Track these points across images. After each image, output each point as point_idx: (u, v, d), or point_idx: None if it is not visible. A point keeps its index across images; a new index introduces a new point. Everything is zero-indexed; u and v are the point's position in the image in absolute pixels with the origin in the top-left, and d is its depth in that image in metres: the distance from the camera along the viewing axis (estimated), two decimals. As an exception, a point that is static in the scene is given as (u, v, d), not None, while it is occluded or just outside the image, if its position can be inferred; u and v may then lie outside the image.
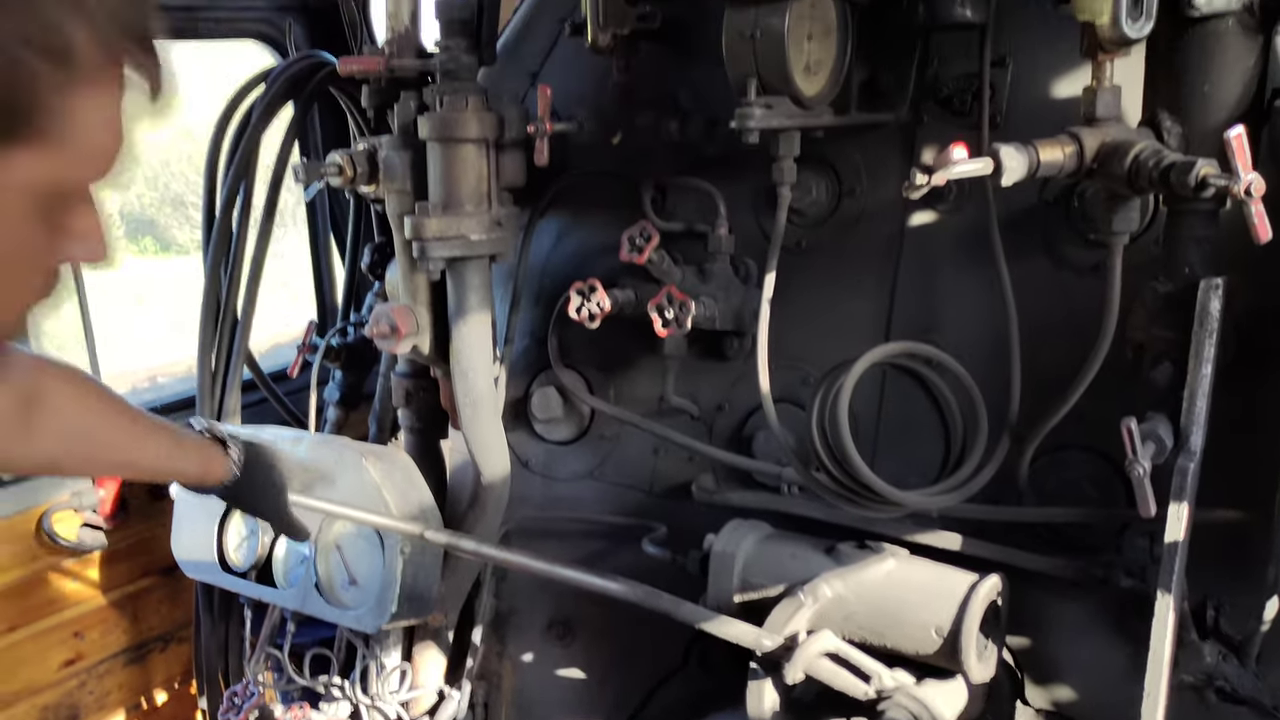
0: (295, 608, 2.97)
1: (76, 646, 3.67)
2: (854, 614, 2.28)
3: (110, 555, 3.75)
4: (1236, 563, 2.16)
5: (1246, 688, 2.14)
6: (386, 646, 3.07)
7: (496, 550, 2.56)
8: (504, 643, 3.21)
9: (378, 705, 3.07)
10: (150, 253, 16.61)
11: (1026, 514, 2.32)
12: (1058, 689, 2.39)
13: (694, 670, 2.96)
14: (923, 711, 2.12)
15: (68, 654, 3.64)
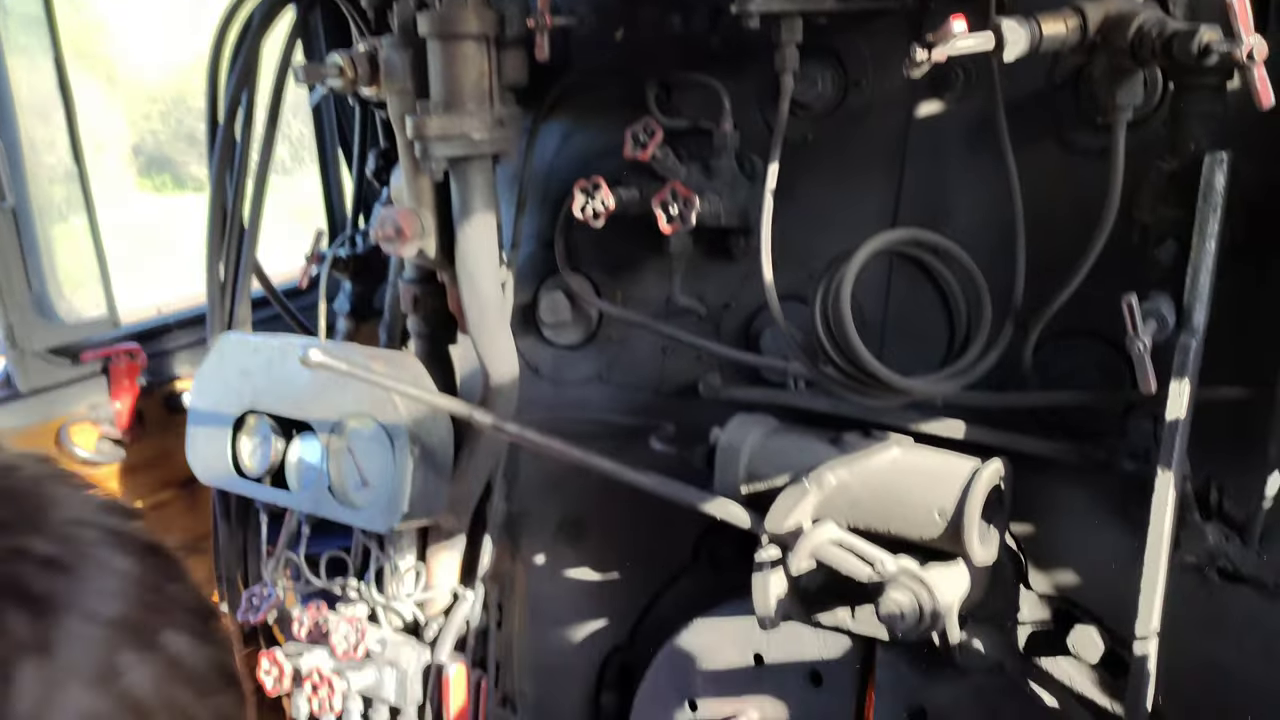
0: (309, 510, 3.02)
1: (100, 555, 3.74)
2: (858, 501, 2.30)
3: (129, 468, 3.81)
4: (1240, 444, 2.16)
5: (1249, 566, 2.16)
6: (400, 549, 3.12)
7: (537, 435, 2.58)
8: (516, 544, 3.26)
9: (393, 606, 3.13)
10: (166, 190, 16.58)
11: (1030, 399, 2.33)
12: (1061, 573, 2.41)
13: (703, 567, 3.00)
14: (924, 592, 2.14)
15: (91, 564, 3.71)
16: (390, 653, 3.03)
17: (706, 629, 2.83)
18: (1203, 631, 2.25)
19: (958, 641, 2.34)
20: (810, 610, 2.51)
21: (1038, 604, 2.46)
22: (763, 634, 2.73)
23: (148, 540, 0.85)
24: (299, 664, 3.04)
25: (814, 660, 2.67)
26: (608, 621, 3.17)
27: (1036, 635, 2.46)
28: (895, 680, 2.54)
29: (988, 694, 2.43)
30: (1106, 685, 2.40)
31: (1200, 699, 2.28)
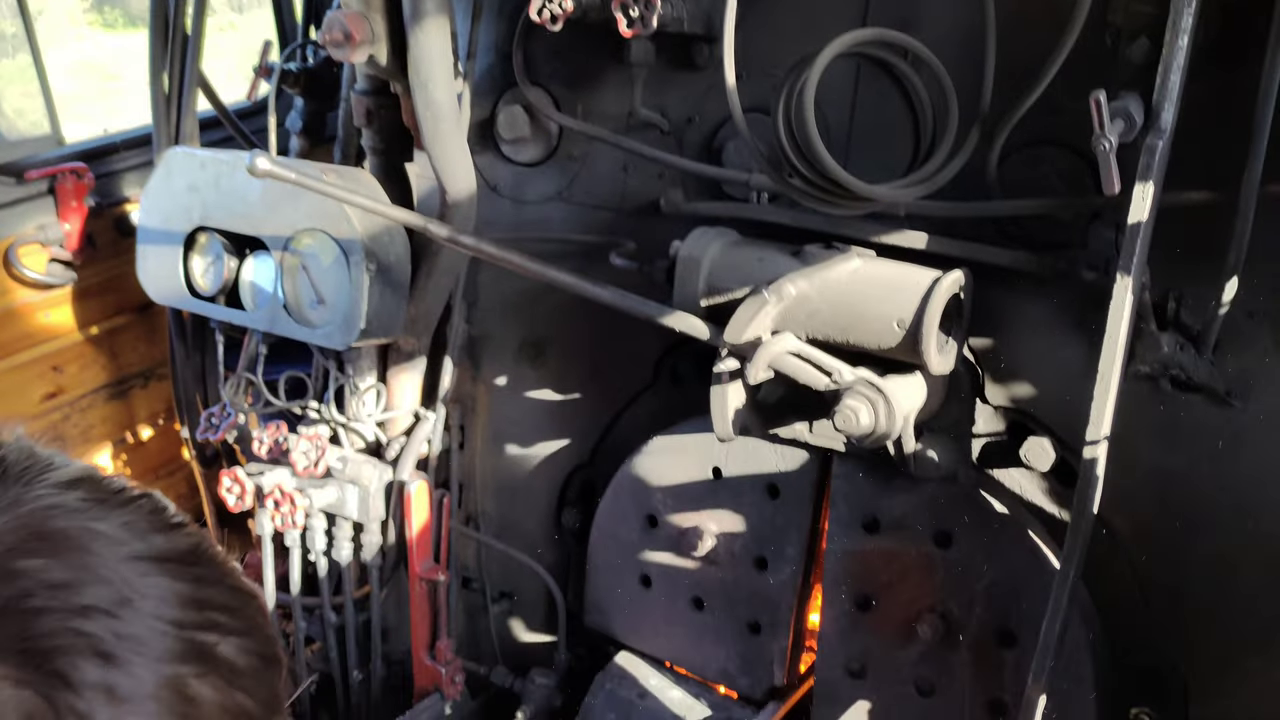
0: (264, 329, 2.97)
1: (56, 380, 3.71)
2: (818, 311, 2.28)
3: (82, 291, 3.75)
4: (1200, 253, 2.14)
5: (1201, 375, 2.17)
6: (360, 369, 3.10)
7: (495, 248, 2.53)
8: (477, 366, 3.24)
9: (354, 426, 3.13)
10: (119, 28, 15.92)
11: (993, 208, 2.29)
12: (1016, 386, 2.43)
13: (664, 386, 3.00)
14: (881, 401, 2.15)
15: (48, 388, 3.68)
16: (351, 471, 3.04)
17: (666, 445, 2.86)
18: (1152, 440, 2.28)
19: (913, 452, 2.36)
20: (768, 423, 2.52)
21: (992, 416, 2.48)
22: (721, 449, 2.75)
23: (189, 547, 0.87)
24: (260, 482, 3.05)
25: (771, 474, 2.70)
26: (569, 441, 3.19)
27: (990, 446, 2.49)
28: (850, 492, 2.57)
29: (940, 503, 2.47)
30: (1056, 494, 2.44)
31: (1146, 505, 2.32)
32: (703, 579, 2.86)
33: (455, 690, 3.16)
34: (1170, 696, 2.39)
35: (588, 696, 3.02)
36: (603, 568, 3.05)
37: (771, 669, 2.81)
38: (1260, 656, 2.25)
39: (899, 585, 2.56)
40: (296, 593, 3.26)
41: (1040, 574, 2.35)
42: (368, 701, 3.38)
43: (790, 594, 2.74)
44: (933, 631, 2.50)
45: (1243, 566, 2.24)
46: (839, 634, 2.66)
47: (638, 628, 3.04)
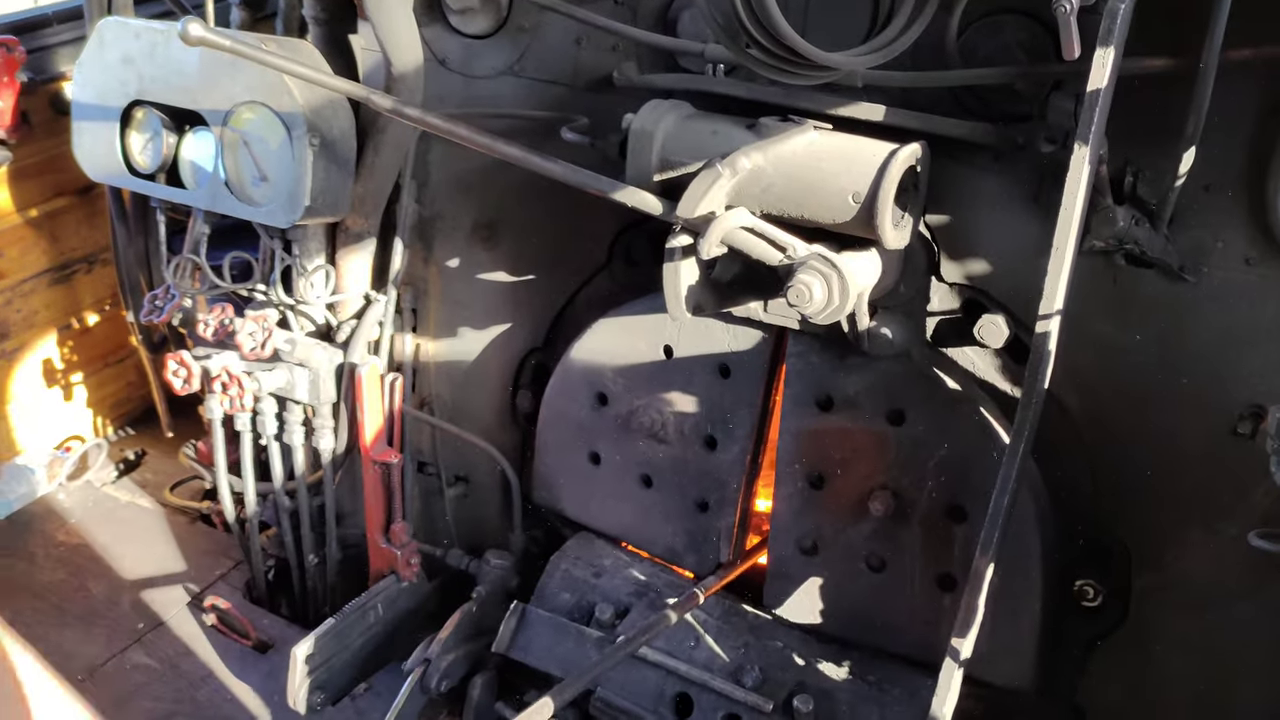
0: (206, 207, 2.89)
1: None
2: (772, 185, 2.23)
3: (19, 172, 3.63)
4: (1160, 128, 2.11)
5: (1156, 250, 2.16)
6: (308, 251, 3.02)
7: (439, 119, 2.44)
8: (429, 248, 3.18)
9: (302, 309, 3.06)
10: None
11: (951, 78, 2.24)
12: (972, 263, 2.40)
13: (618, 267, 2.96)
14: (835, 275, 2.12)
15: (-12, 271, 3.58)
16: (301, 353, 2.99)
17: (617, 324, 2.83)
18: (1105, 316, 2.28)
19: (866, 329, 2.35)
20: (722, 302, 2.49)
21: (947, 293, 2.46)
22: (672, 328, 2.73)
23: None
24: (207, 365, 3.00)
25: (723, 353, 2.68)
26: (523, 324, 3.15)
27: (944, 324, 2.48)
28: (804, 370, 2.56)
29: (894, 381, 2.46)
30: (1009, 371, 2.45)
31: (1096, 380, 2.33)
32: (652, 457, 2.86)
33: (411, 572, 3.17)
34: (1114, 568, 2.44)
35: (543, 576, 3.04)
36: (552, 445, 3.04)
37: (718, 546, 2.83)
38: (1201, 528, 2.29)
39: (852, 463, 2.56)
40: (249, 478, 3.23)
41: (991, 450, 2.36)
42: (324, 585, 3.38)
43: (739, 473, 2.75)
44: (884, 508, 2.52)
45: (1188, 440, 2.26)
46: (792, 512, 2.68)
47: (586, 504, 3.05)
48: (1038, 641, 2.46)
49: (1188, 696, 2.42)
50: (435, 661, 2.87)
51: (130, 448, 4.12)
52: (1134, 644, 2.46)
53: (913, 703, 2.53)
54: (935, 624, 2.52)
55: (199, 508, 3.82)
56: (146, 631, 3.27)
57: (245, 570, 3.49)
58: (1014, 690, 2.54)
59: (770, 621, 2.79)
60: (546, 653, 2.83)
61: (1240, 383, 2.17)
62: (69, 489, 3.87)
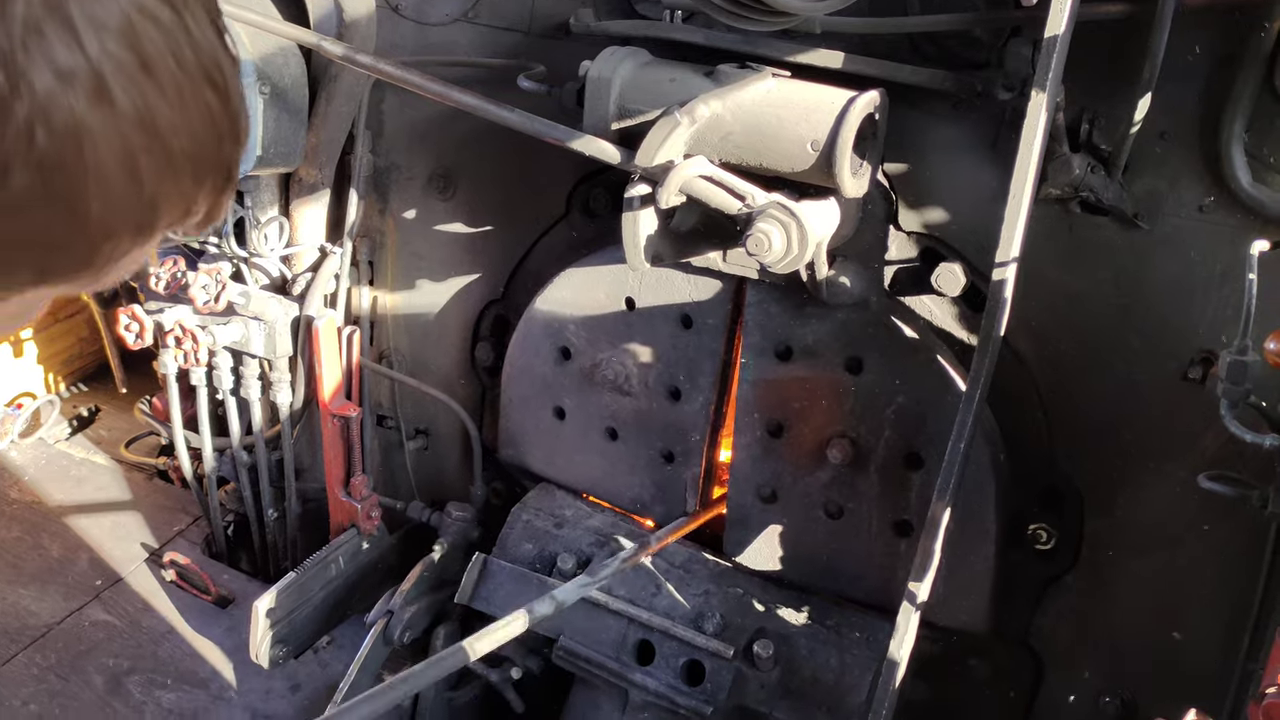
0: (156, 157, 2.83)
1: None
2: (731, 134, 2.22)
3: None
4: (1116, 75, 2.12)
5: (1111, 197, 2.17)
6: (261, 202, 2.98)
7: (393, 67, 2.41)
8: (385, 199, 3.14)
9: (256, 261, 3.02)
10: None
11: (909, 24, 2.23)
12: (930, 211, 2.41)
13: (577, 218, 2.94)
14: (793, 223, 2.11)
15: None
16: (255, 306, 2.96)
17: (577, 277, 2.81)
18: (1060, 263, 2.30)
19: (825, 278, 2.35)
20: (681, 251, 2.48)
21: (905, 242, 2.47)
22: (634, 279, 2.72)
23: None
24: (160, 319, 2.96)
25: (684, 304, 2.68)
26: (481, 276, 3.12)
27: (902, 273, 2.49)
28: (763, 319, 2.56)
29: (852, 330, 2.48)
30: (965, 319, 2.46)
31: (1050, 327, 2.36)
32: (616, 410, 2.86)
33: (371, 525, 3.16)
34: (1067, 512, 2.48)
35: (505, 528, 3.04)
36: (516, 401, 3.03)
37: (684, 496, 2.85)
38: (1152, 472, 2.33)
39: (810, 411, 2.58)
40: (206, 433, 3.20)
41: (947, 397, 2.39)
42: (284, 539, 3.38)
43: (703, 423, 2.75)
44: (842, 456, 2.54)
45: (1141, 386, 2.30)
46: (751, 460, 2.69)
47: (552, 459, 3.05)
48: (992, 585, 2.50)
49: (1136, 635, 2.47)
50: (398, 613, 2.87)
51: (83, 404, 4.07)
52: (1085, 585, 2.51)
53: (871, 646, 2.57)
54: (892, 569, 2.56)
55: (155, 464, 3.78)
56: (105, 588, 3.25)
57: (204, 526, 3.47)
58: (969, 632, 2.59)
59: (730, 569, 2.81)
60: (509, 603, 2.84)
61: (1191, 329, 2.20)
62: (21, 446, 3.81)
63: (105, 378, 4.08)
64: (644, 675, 2.63)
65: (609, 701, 2.74)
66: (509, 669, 2.88)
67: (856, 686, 2.54)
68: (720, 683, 2.57)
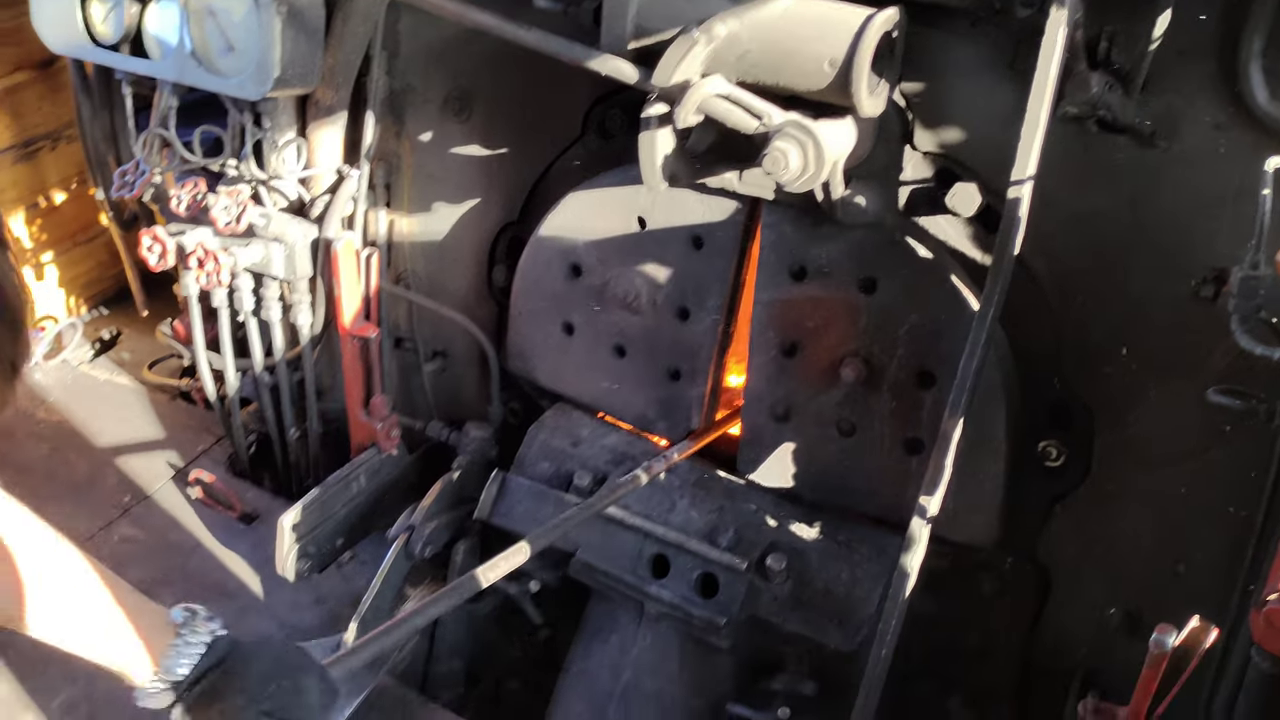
0: (173, 79, 2.84)
1: (-43, 138, 3.55)
2: (748, 52, 2.22)
3: (-24, 45, 3.53)
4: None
5: (1128, 115, 2.17)
6: (279, 124, 2.98)
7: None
8: (401, 121, 3.14)
9: (275, 184, 3.04)
10: None
11: (929, -60, 2.22)
12: (946, 131, 2.42)
13: (593, 138, 2.95)
14: (810, 142, 2.13)
15: (-52, 146, 3.52)
16: (275, 228, 2.98)
17: (591, 197, 2.83)
18: (1074, 181, 2.30)
19: (840, 198, 2.37)
20: (697, 172, 2.50)
21: (921, 162, 2.48)
22: (646, 199, 2.74)
23: None
24: (182, 241, 2.99)
25: (696, 225, 2.70)
26: (497, 198, 3.15)
27: (917, 193, 2.50)
28: (778, 240, 2.59)
29: (865, 249, 2.50)
30: (979, 239, 2.48)
31: (1063, 245, 2.37)
32: (625, 328, 2.90)
33: (391, 444, 3.22)
34: (1077, 429, 2.52)
35: (522, 446, 3.10)
36: (526, 314, 3.08)
37: (689, 414, 2.90)
38: (1162, 389, 2.37)
39: (824, 331, 2.61)
40: (228, 354, 3.25)
41: (961, 316, 2.41)
42: (306, 458, 3.45)
43: (710, 343, 2.79)
44: (855, 375, 2.57)
45: (1153, 304, 2.32)
46: (765, 380, 2.73)
47: (560, 373, 3.10)
48: (1001, 500, 2.55)
49: (1141, 550, 2.53)
50: (419, 529, 2.94)
51: (105, 328, 4.12)
52: (1094, 501, 2.56)
53: (880, 560, 2.63)
54: (903, 486, 2.60)
55: (178, 385, 3.84)
56: (133, 505, 3.33)
57: (227, 445, 3.54)
58: (977, 547, 2.64)
59: (744, 487, 2.87)
60: (527, 518, 2.91)
61: (1205, 247, 2.21)
62: (45, 368, 3.88)
63: (126, 301, 4.13)
64: (659, 588, 2.70)
65: (625, 613, 2.82)
66: (527, 583, 2.96)
67: (866, 599, 2.61)
68: (733, 595, 2.64)
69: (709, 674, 2.77)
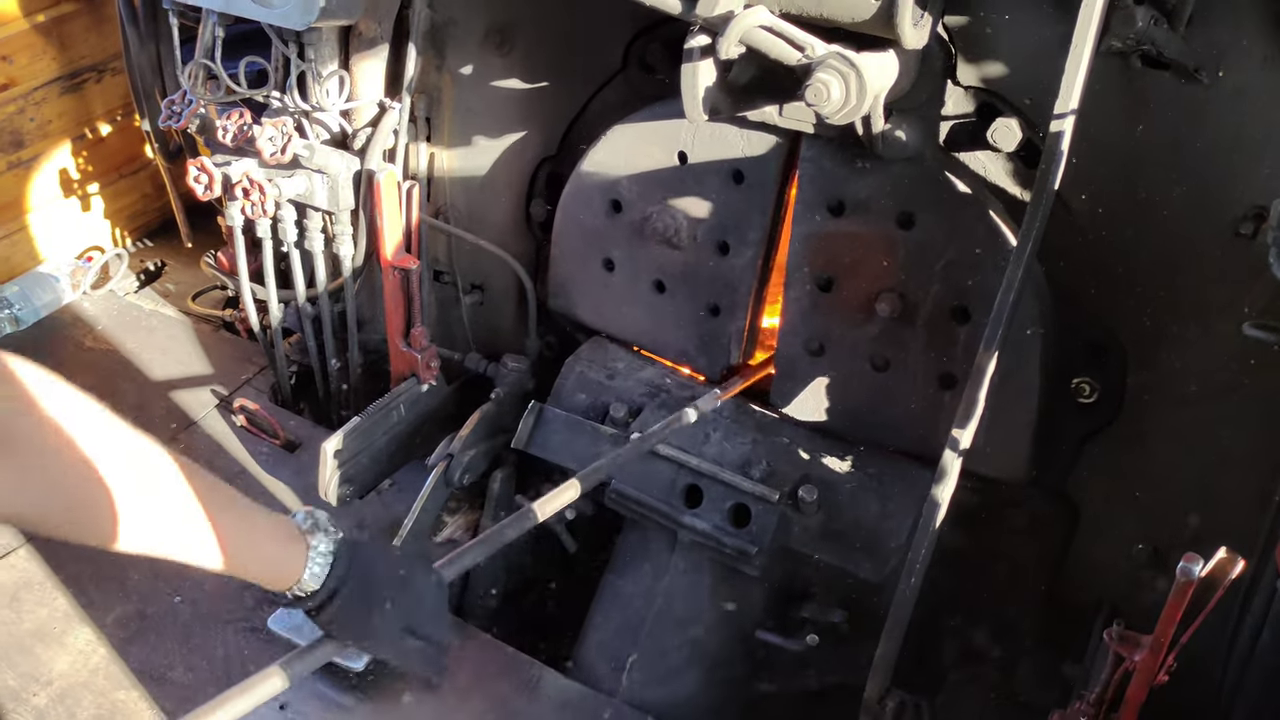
0: (219, 9, 2.87)
1: (7, 71, 3.61)
2: (791, -18, 2.22)
3: (21, -29, 3.57)
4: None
5: (1173, 50, 2.16)
6: (322, 56, 3.01)
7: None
8: (442, 55, 3.16)
9: (318, 116, 3.08)
10: None
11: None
12: (988, 65, 2.41)
13: (633, 72, 2.95)
14: (853, 74, 2.13)
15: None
16: (319, 160, 3.02)
17: (631, 131, 2.85)
18: (1117, 117, 2.30)
19: (880, 131, 2.37)
20: (738, 105, 2.51)
21: (962, 96, 2.47)
22: (687, 134, 2.75)
23: None
24: (228, 171, 3.04)
25: (737, 159, 2.71)
26: (537, 132, 3.17)
27: (958, 128, 2.50)
28: (816, 174, 2.60)
29: (904, 184, 2.51)
30: (1019, 175, 2.48)
31: (1104, 181, 2.37)
32: (665, 263, 2.93)
33: (431, 375, 3.28)
34: (1110, 367, 2.54)
35: (559, 379, 3.15)
36: (566, 252, 3.11)
37: (729, 349, 2.93)
38: (1198, 326, 2.37)
39: (860, 266, 2.63)
40: (271, 285, 3.31)
41: (998, 252, 2.42)
42: (347, 388, 3.51)
43: (750, 278, 2.82)
44: (890, 310, 2.59)
45: (1192, 241, 2.32)
46: (800, 314, 2.76)
47: (600, 310, 3.14)
48: (1033, 436, 2.58)
49: (1172, 487, 2.55)
50: (457, 457, 3.01)
51: (150, 259, 4.20)
52: (1125, 438, 2.58)
53: (911, 493, 2.67)
54: (935, 421, 2.63)
55: (222, 315, 3.92)
56: (180, 431, 3.42)
57: (270, 375, 3.61)
58: (1008, 482, 2.68)
59: (777, 420, 2.91)
60: (563, 448, 2.97)
61: (1247, 184, 2.21)
62: (93, 298, 3.95)
63: (170, 233, 4.19)
64: (692, 517, 2.76)
65: (658, 542, 2.88)
66: (563, 511, 3.02)
67: (896, 531, 2.65)
68: (765, 525, 2.69)
69: (739, 602, 2.83)
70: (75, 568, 2.93)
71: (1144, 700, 2.00)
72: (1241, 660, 2.21)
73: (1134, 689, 2.00)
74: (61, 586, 2.88)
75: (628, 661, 2.81)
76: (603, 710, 2.66)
